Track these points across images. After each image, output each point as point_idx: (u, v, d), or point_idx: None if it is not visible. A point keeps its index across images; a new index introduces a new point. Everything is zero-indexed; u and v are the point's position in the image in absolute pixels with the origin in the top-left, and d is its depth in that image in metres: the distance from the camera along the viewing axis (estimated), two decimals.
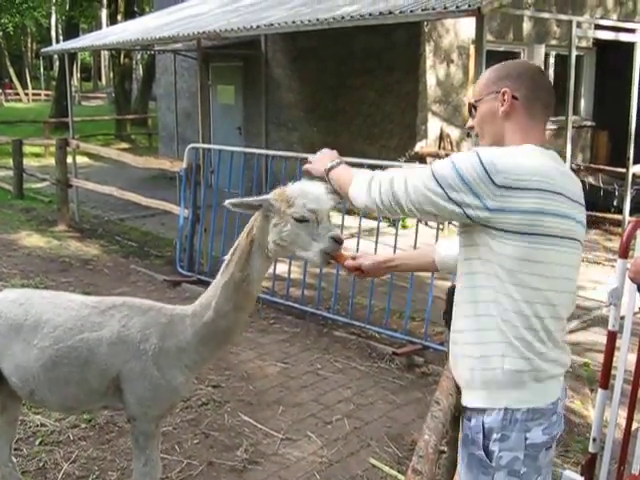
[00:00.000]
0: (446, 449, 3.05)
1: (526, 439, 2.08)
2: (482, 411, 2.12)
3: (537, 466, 2.12)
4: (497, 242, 2.02)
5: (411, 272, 6.09)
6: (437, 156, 10.68)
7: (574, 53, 6.54)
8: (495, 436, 2.09)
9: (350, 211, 10.37)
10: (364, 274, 2.80)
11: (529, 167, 2.00)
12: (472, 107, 2.27)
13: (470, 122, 2.32)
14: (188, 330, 3.03)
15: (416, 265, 2.86)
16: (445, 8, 6.29)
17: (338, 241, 2.66)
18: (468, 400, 2.20)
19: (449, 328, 2.36)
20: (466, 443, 2.18)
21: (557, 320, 2.10)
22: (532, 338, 2.06)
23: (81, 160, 16.01)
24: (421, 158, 10.64)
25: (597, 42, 12.39)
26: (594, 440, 3.44)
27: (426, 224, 10.47)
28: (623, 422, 3.51)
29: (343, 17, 7.38)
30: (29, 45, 60.84)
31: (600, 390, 3.40)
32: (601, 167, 11.64)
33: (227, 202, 2.79)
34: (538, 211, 1.98)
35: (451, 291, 2.60)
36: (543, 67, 12.23)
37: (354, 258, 2.78)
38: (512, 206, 1.97)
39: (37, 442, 4.43)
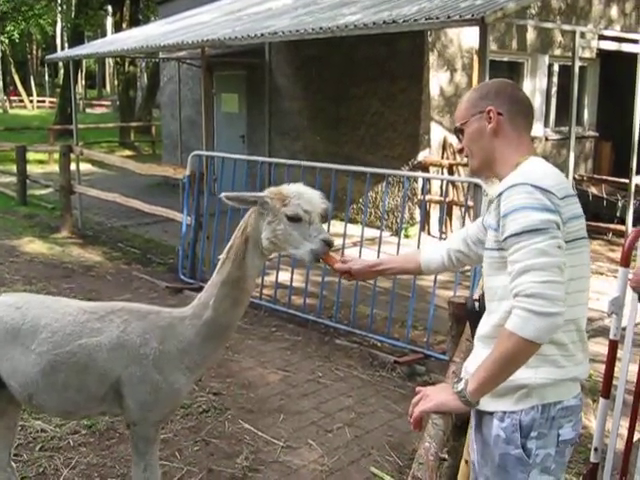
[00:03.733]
0: (447, 457, 3.04)
1: (559, 435, 2.15)
2: (515, 411, 2.17)
3: (563, 462, 2.21)
4: None
5: (410, 278, 6.15)
6: (440, 165, 10.71)
7: (577, 63, 6.54)
8: (533, 434, 2.14)
9: (353, 220, 10.37)
10: (353, 277, 2.88)
11: (558, 176, 2.15)
12: (459, 131, 2.37)
13: (458, 145, 2.43)
14: (189, 331, 3.05)
15: (402, 269, 2.90)
16: (449, 17, 6.31)
17: (328, 244, 2.78)
18: (495, 406, 2.20)
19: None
20: (497, 443, 2.19)
21: (585, 319, 2.21)
22: (567, 340, 2.14)
23: (85, 167, 16.05)
24: (424, 167, 10.65)
25: (601, 53, 12.40)
26: (595, 450, 3.42)
27: (429, 233, 10.50)
28: (625, 432, 3.50)
29: (347, 26, 7.40)
30: (34, 52, 61.10)
31: (601, 399, 3.39)
32: (604, 178, 11.65)
33: (223, 195, 2.88)
34: (575, 216, 2.12)
35: (471, 307, 2.59)
36: (547, 77, 12.26)
37: (344, 262, 2.86)
38: (569, 214, 2.09)
39: (37, 448, 4.42)
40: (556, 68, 12.62)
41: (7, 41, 47.34)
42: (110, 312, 3.16)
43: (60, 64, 43.59)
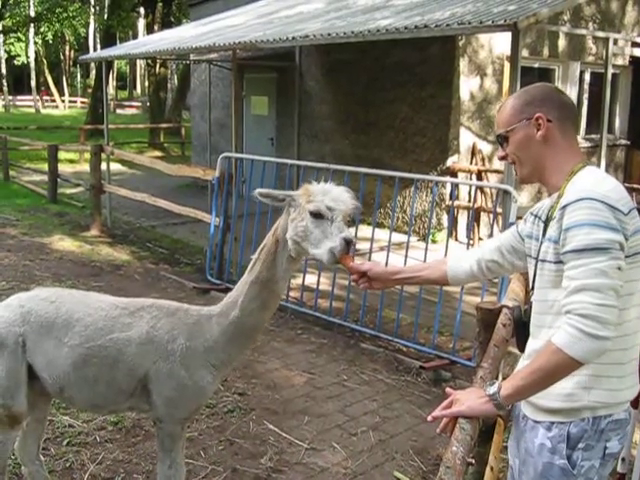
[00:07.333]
0: (473, 462, 3.03)
1: (605, 448, 2.13)
2: (564, 422, 2.15)
3: (605, 475, 2.18)
4: None
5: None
6: (468, 171, 10.66)
7: (610, 71, 6.48)
8: (580, 445, 2.12)
9: (380, 224, 10.36)
10: (369, 281, 2.73)
11: (621, 189, 2.07)
12: (502, 138, 2.28)
13: (501, 152, 2.33)
14: (215, 329, 3.09)
15: (426, 278, 2.75)
16: (481, 22, 6.28)
17: (348, 243, 2.66)
18: (544, 416, 2.20)
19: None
20: (541, 452, 2.18)
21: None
22: (625, 358, 2.13)
23: (114, 167, 16.21)
24: (453, 173, 10.62)
25: (633, 60, 12.28)
26: (623, 460, 3.39)
27: (456, 239, 10.45)
28: None
29: (378, 30, 7.40)
30: (67, 53, 61.88)
31: (630, 409, 3.35)
32: (635, 186, 11.51)
33: (257, 191, 2.88)
34: (637, 230, 2.06)
35: (518, 316, 2.49)
36: (578, 84, 12.16)
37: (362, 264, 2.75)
38: (632, 228, 2.03)
39: (65, 442, 4.48)
40: (587, 75, 12.51)
41: (41, 42, 48.02)
42: (140, 308, 3.22)
43: (92, 65, 44.08)
